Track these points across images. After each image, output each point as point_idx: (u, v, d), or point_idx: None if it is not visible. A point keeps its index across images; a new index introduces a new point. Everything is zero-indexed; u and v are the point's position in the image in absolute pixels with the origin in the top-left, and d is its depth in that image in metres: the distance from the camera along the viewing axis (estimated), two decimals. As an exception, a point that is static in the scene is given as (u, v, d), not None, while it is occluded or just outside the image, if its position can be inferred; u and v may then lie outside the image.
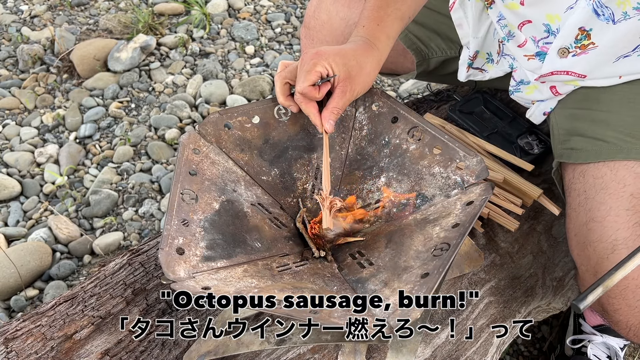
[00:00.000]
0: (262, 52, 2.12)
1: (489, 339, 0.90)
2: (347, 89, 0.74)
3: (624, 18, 0.73)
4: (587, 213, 0.80)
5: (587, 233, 0.80)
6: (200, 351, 0.75)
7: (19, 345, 0.78)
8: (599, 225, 0.78)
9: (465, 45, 1.02)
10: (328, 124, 0.75)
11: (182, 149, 0.75)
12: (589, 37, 0.79)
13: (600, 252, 0.77)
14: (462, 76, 1.05)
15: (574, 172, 0.86)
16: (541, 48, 0.87)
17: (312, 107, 0.75)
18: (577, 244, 0.82)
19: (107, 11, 2.27)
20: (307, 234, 0.77)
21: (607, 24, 0.75)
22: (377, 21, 0.79)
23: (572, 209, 0.85)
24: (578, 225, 0.82)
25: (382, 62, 0.79)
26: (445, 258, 0.62)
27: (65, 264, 1.43)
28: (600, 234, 0.77)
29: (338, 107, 0.75)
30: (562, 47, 0.83)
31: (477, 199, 0.69)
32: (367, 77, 0.76)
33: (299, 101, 0.75)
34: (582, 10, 0.76)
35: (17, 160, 1.68)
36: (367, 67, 0.75)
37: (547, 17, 0.82)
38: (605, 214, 0.77)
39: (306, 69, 0.72)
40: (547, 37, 0.85)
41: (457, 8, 0.99)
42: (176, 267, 0.63)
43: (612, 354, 1.12)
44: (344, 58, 0.73)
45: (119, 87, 1.94)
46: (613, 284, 0.53)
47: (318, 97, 0.75)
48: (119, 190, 1.62)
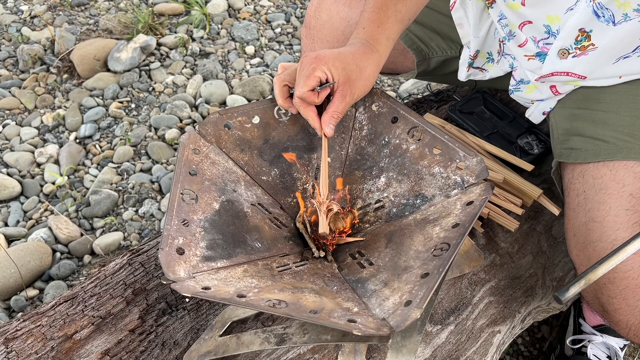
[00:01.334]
0: (262, 52, 2.12)
1: (489, 339, 0.90)
2: (347, 92, 0.74)
3: (624, 20, 0.73)
4: (586, 213, 0.80)
5: (587, 233, 0.79)
6: (200, 351, 0.75)
7: (19, 345, 0.78)
8: (599, 226, 0.77)
9: (465, 44, 1.02)
10: (328, 128, 0.75)
11: (182, 149, 0.75)
12: (589, 38, 0.79)
13: (600, 252, 0.77)
14: (462, 76, 1.05)
15: (573, 172, 0.86)
16: (541, 48, 0.87)
17: (311, 112, 0.75)
18: (577, 244, 0.82)
19: (107, 11, 2.27)
20: (307, 234, 0.77)
21: (607, 25, 0.75)
22: (377, 23, 0.79)
23: (571, 209, 0.85)
24: (577, 225, 0.82)
25: (382, 65, 0.79)
26: (445, 258, 0.62)
27: (66, 264, 1.43)
28: (600, 234, 0.77)
29: (338, 112, 0.75)
30: (562, 48, 0.83)
31: (477, 199, 0.69)
32: (366, 81, 0.76)
33: (297, 105, 0.75)
34: (582, 11, 0.76)
35: (17, 160, 1.68)
36: (366, 70, 0.75)
37: (547, 18, 0.82)
38: (604, 214, 0.77)
39: (305, 73, 0.71)
40: (547, 37, 0.85)
41: (457, 7, 0.99)
42: (176, 267, 0.63)
43: (612, 354, 1.12)
44: (343, 62, 0.73)
45: (119, 87, 1.94)
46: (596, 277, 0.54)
47: (317, 102, 0.75)
48: (119, 190, 1.62)
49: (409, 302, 0.59)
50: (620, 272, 0.75)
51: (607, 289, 0.77)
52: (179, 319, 0.82)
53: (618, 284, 0.75)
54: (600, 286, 0.78)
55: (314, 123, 0.76)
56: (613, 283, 0.76)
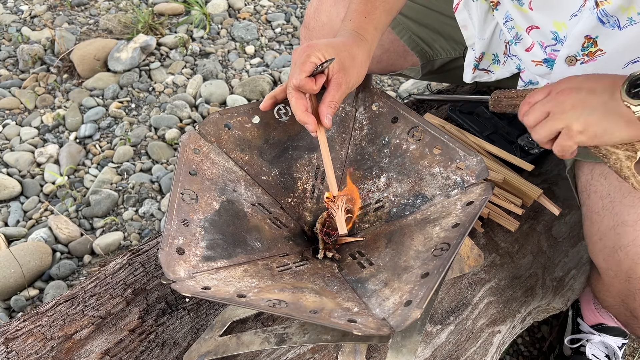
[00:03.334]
0: (262, 52, 2.12)
1: (489, 339, 0.90)
2: (342, 81, 0.73)
3: (630, 24, 0.72)
4: (614, 217, 0.77)
5: (616, 237, 0.77)
6: (200, 351, 0.75)
7: (19, 345, 0.78)
8: (631, 230, 0.75)
9: (470, 46, 1.00)
10: (326, 119, 0.73)
11: (182, 149, 0.75)
12: (596, 44, 0.77)
13: (634, 257, 0.74)
14: (467, 77, 1.04)
15: (592, 172, 0.83)
16: (549, 55, 0.85)
17: (302, 105, 0.73)
18: (604, 249, 0.80)
19: (107, 11, 2.27)
20: (322, 237, 0.77)
21: (612, 30, 0.74)
22: (364, 14, 0.79)
23: (595, 212, 0.82)
24: (604, 229, 0.79)
25: (372, 53, 0.79)
26: (445, 258, 0.62)
27: (66, 264, 1.43)
28: (632, 238, 0.75)
29: (335, 101, 0.73)
30: (570, 56, 0.81)
31: (477, 199, 0.69)
32: (360, 68, 0.76)
33: (291, 96, 0.74)
34: (587, 19, 0.75)
35: (17, 160, 1.68)
36: (358, 57, 0.75)
37: (554, 24, 0.81)
38: (636, 217, 0.75)
39: (300, 61, 0.71)
40: (554, 44, 0.83)
41: (461, 9, 0.97)
42: (176, 267, 0.63)
43: (611, 353, 1.11)
44: (336, 49, 0.73)
45: (119, 87, 1.94)
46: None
47: (315, 89, 0.73)
48: (119, 190, 1.62)
49: (409, 302, 0.59)
50: None
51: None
52: (179, 319, 0.82)
53: None
54: (632, 292, 0.76)
55: (305, 117, 0.73)
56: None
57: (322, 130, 0.75)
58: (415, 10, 1.04)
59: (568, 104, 0.66)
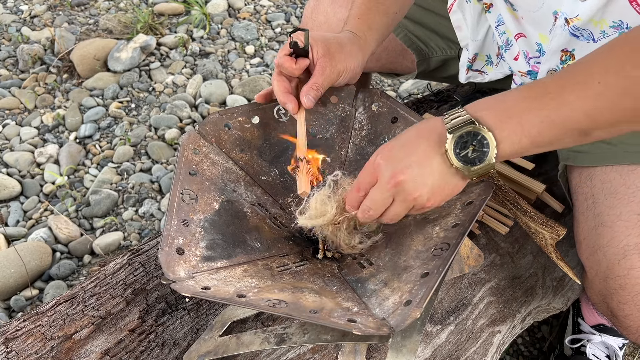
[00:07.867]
0: (262, 52, 2.12)
1: (489, 339, 0.90)
2: (327, 65, 0.74)
3: (603, 36, 0.73)
4: (595, 217, 0.79)
5: (597, 238, 0.78)
6: (200, 351, 0.75)
7: (19, 345, 0.78)
8: (609, 230, 0.77)
9: (464, 47, 1.01)
10: (306, 98, 0.73)
11: (182, 149, 0.75)
12: (573, 57, 0.78)
13: (611, 257, 0.76)
14: (462, 78, 1.04)
15: (580, 175, 0.85)
16: (532, 67, 0.86)
17: (283, 87, 0.74)
18: (587, 248, 0.81)
19: (107, 11, 2.27)
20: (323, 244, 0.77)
21: (587, 43, 0.75)
22: (358, 16, 0.81)
23: (580, 213, 0.84)
24: (587, 229, 0.81)
25: (366, 50, 0.80)
26: (445, 258, 0.62)
27: (65, 264, 1.43)
28: (610, 238, 0.76)
29: (318, 83, 0.74)
30: (550, 70, 0.82)
31: (476, 198, 0.69)
32: (348, 56, 0.76)
33: (273, 79, 0.76)
34: (560, 35, 0.76)
35: (17, 160, 1.68)
36: (347, 46, 0.76)
37: (539, 36, 0.82)
38: (615, 218, 0.76)
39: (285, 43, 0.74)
40: (538, 57, 0.84)
41: (455, 10, 0.98)
42: (176, 267, 0.63)
43: (611, 353, 1.12)
44: (323, 36, 0.75)
45: (119, 87, 1.94)
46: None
47: (295, 69, 0.74)
48: (119, 190, 1.62)
49: (408, 301, 0.59)
50: (632, 278, 0.74)
51: (618, 295, 0.76)
52: (179, 319, 0.82)
53: (630, 290, 0.74)
54: (610, 292, 0.77)
55: (284, 97, 0.74)
56: (625, 289, 0.75)
57: (302, 111, 0.76)
58: (411, 9, 1.04)
59: (410, 186, 0.61)
